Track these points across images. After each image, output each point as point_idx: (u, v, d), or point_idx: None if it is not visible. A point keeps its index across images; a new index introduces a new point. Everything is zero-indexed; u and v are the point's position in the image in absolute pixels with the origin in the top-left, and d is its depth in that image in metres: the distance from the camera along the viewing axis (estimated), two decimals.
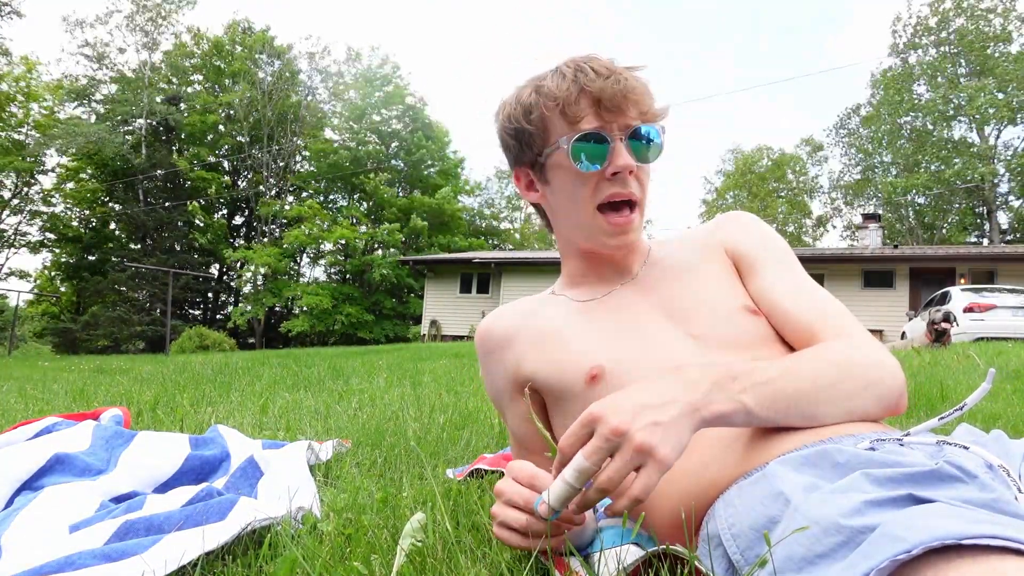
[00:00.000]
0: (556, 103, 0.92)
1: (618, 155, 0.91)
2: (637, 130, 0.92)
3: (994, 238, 27.28)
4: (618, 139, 0.91)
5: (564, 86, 0.92)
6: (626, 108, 0.91)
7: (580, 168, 0.93)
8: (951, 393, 2.89)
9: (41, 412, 2.61)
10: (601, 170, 0.92)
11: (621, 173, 0.92)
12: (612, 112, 0.91)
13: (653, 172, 1.00)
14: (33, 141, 26.05)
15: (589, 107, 0.91)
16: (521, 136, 0.99)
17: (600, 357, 0.93)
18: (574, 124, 0.92)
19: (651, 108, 0.94)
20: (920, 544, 0.45)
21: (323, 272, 31.09)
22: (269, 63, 31.48)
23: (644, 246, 1.06)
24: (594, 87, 0.90)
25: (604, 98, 0.90)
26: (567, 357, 0.97)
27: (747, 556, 0.67)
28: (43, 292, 30.07)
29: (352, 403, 2.91)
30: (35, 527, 1.02)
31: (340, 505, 1.20)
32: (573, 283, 1.07)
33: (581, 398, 0.94)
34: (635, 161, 0.92)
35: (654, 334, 0.94)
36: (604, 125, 0.91)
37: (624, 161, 0.91)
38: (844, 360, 0.82)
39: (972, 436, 0.82)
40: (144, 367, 6.71)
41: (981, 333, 10.30)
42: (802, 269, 1.00)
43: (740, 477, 0.77)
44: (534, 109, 0.95)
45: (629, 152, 0.92)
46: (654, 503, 0.85)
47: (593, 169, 0.92)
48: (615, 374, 0.91)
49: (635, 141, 0.92)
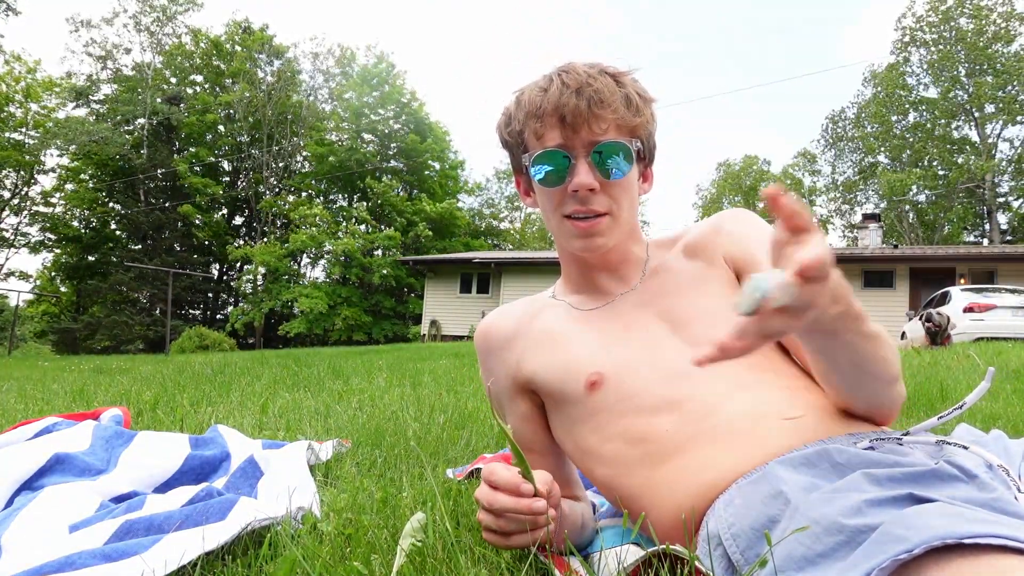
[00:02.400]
0: (528, 116, 0.92)
1: (577, 173, 0.89)
2: (600, 146, 0.89)
3: (994, 238, 27.29)
4: (580, 156, 0.90)
5: (536, 100, 0.91)
6: (592, 123, 0.88)
7: (543, 185, 0.93)
8: (951, 393, 2.89)
9: (41, 412, 2.61)
10: (563, 187, 0.91)
11: (580, 192, 0.90)
12: (575, 128, 0.89)
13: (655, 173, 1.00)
14: (32, 141, 26.05)
15: (556, 123, 0.90)
16: (508, 145, 1.00)
17: (600, 364, 0.93)
18: (539, 140, 0.92)
19: (625, 120, 0.90)
20: (922, 544, 0.45)
21: (322, 272, 31.10)
22: (269, 63, 31.49)
23: (640, 255, 1.04)
24: (558, 102, 0.88)
25: (566, 114, 0.88)
26: (567, 362, 0.97)
27: (747, 556, 0.67)
28: (43, 292, 30.06)
29: (352, 403, 2.91)
30: (35, 527, 1.02)
31: (340, 505, 1.19)
32: (573, 289, 1.07)
33: (581, 404, 0.94)
34: (595, 179, 0.90)
35: (654, 343, 0.94)
36: (567, 142, 0.90)
37: (581, 180, 0.89)
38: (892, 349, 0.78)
39: (972, 436, 0.82)
40: (144, 367, 6.70)
41: (981, 333, 10.30)
42: None
43: (740, 477, 0.77)
44: (513, 121, 0.96)
45: (592, 169, 0.90)
46: (654, 503, 0.85)
47: (555, 187, 0.92)
48: (614, 381, 0.91)
49: (599, 158, 0.90)
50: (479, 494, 0.81)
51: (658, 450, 0.86)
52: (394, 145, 30.10)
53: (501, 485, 0.79)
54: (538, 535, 0.81)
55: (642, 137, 0.94)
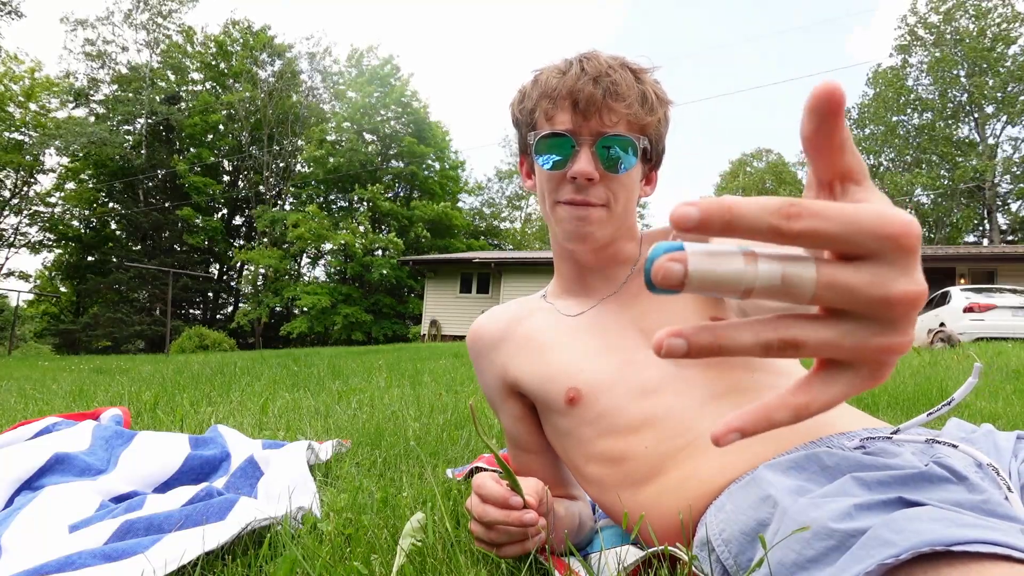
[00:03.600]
0: (541, 96, 0.91)
1: (578, 161, 0.88)
2: (607, 138, 0.88)
3: (994, 238, 27.29)
4: (586, 144, 0.89)
5: (553, 81, 0.90)
6: (603, 113, 0.87)
7: (543, 167, 0.92)
8: (950, 393, 2.89)
9: (41, 412, 2.61)
10: (563, 172, 0.90)
11: (579, 179, 0.89)
12: (586, 115, 0.88)
13: (659, 174, 0.99)
14: (31, 140, 26.05)
15: (568, 107, 0.89)
16: (518, 123, 0.99)
17: (577, 379, 0.93)
18: (549, 120, 0.91)
19: (637, 117, 0.89)
20: (909, 549, 0.45)
21: (323, 272, 31.09)
22: (269, 62, 31.48)
23: (632, 253, 1.02)
24: (574, 87, 0.87)
25: (580, 100, 0.87)
26: (548, 372, 0.97)
27: (739, 561, 0.67)
28: (43, 292, 30.05)
29: (352, 403, 2.91)
30: (35, 527, 1.02)
31: (340, 505, 1.20)
32: (564, 289, 1.07)
33: (562, 416, 0.94)
34: (596, 169, 0.88)
35: (629, 354, 0.93)
36: (575, 127, 0.89)
37: (582, 167, 0.87)
38: None
39: (962, 432, 0.82)
40: (144, 367, 6.70)
41: (981, 333, 10.31)
42: None
43: (730, 482, 0.77)
44: (526, 99, 0.95)
45: (594, 159, 0.88)
46: (647, 512, 0.85)
47: (555, 170, 0.91)
48: (590, 399, 0.91)
49: (604, 150, 0.88)
50: (470, 505, 0.82)
51: (639, 468, 0.86)
52: (394, 145, 30.10)
53: (490, 498, 0.80)
54: (529, 546, 0.81)
55: (651, 137, 0.93)
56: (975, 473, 0.62)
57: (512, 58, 68.02)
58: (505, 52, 70.68)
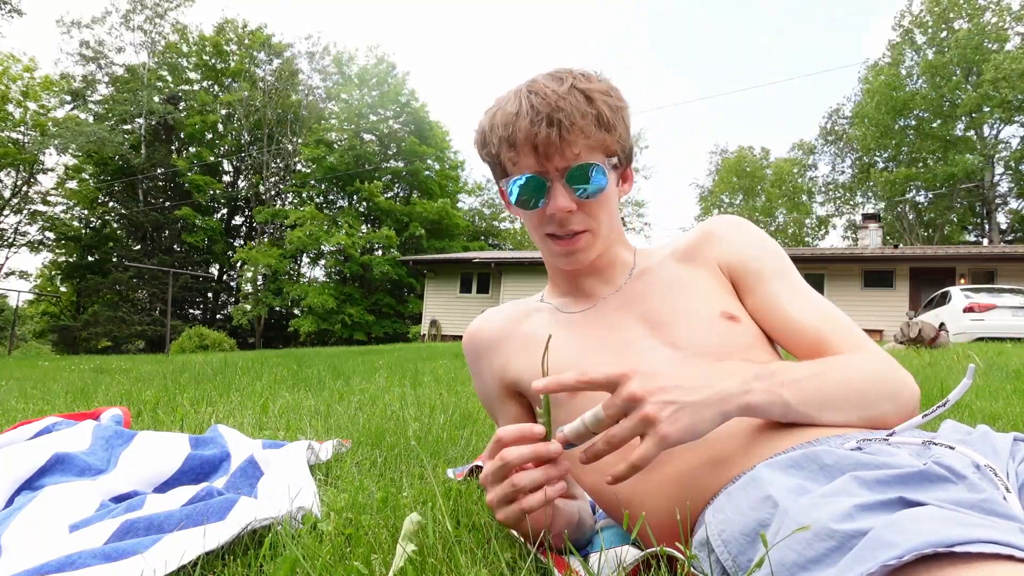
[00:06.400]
0: (501, 142, 0.93)
1: (554, 198, 0.91)
2: (574, 169, 0.89)
3: (994, 238, 27.28)
4: (556, 180, 0.90)
5: (508, 126, 0.91)
6: (564, 149, 0.88)
7: (522, 210, 0.95)
8: (950, 393, 2.89)
9: (41, 412, 2.61)
10: (542, 210, 0.93)
11: (559, 214, 0.91)
12: (548, 157, 0.89)
13: (656, 174, 1.00)
14: (30, 140, 26.03)
15: (530, 151, 0.90)
16: (487, 163, 1.00)
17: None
18: (515, 166, 0.93)
19: (598, 141, 0.90)
20: (911, 550, 0.45)
21: (323, 272, 31.09)
22: (268, 62, 31.47)
23: (626, 257, 1.04)
24: (529, 131, 0.88)
25: (538, 144, 0.89)
26: (551, 369, 0.97)
27: (739, 561, 0.67)
28: (43, 292, 30.06)
29: (352, 403, 2.91)
30: (35, 527, 1.02)
31: (340, 505, 1.20)
32: (560, 292, 1.07)
33: (565, 407, 0.94)
34: (572, 201, 0.91)
35: (634, 347, 0.94)
36: (541, 167, 0.90)
37: (558, 204, 0.90)
38: (869, 370, 0.85)
39: (958, 433, 0.81)
40: (144, 367, 6.70)
41: (981, 333, 10.31)
42: (799, 276, 0.99)
43: (728, 482, 0.77)
44: (487, 143, 0.96)
45: (567, 191, 0.91)
46: (644, 510, 0.85)
47: (534, 210, 0.94)
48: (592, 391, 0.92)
49: (575, 180, 0.90)
50: (487, 468, 0.78)
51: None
52: (393, 145, 30.09)
53: (509, 438, 0.77)
54: (553, 493, 0.77)
55: (617, 151, 0.94)
56: (974, 473, 0.62)
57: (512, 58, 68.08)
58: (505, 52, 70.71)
